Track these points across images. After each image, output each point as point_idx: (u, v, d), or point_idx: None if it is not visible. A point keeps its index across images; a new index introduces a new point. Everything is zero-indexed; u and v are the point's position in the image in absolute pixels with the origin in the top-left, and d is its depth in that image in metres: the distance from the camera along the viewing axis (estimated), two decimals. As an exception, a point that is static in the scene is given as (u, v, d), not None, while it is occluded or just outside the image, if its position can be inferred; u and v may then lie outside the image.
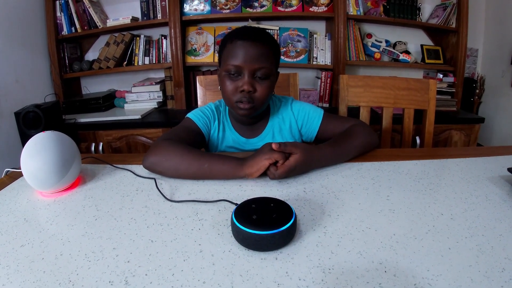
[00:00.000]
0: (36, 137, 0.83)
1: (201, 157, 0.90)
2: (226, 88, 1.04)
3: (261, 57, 1.00)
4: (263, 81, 1.02)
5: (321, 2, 2.48)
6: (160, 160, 0.92)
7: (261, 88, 1.02)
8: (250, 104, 1.02)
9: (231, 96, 1.03)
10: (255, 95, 1.02)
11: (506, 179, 0.89)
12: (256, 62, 0.99)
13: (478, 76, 2.93)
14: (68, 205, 0.79)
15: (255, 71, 1.01)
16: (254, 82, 1.01)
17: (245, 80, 1.00)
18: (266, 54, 1.01)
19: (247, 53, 0.99)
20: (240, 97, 1.02)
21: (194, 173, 0.89)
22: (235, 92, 1.02)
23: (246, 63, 0.99)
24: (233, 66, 1.00)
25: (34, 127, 1.89)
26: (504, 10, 2.73)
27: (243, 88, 1.00)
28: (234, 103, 1.04)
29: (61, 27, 2.53)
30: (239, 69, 1.00)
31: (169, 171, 0.92)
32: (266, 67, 1.01)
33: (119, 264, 0.58)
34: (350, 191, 0.83)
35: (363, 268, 0.55)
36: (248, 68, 0.99)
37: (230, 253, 0.60)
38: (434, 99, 1.46)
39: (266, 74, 1.02)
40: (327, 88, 2.55)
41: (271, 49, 1.03)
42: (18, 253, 0.62)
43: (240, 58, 0.99)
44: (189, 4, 2.51)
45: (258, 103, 1.04)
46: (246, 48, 0.99)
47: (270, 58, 1.03)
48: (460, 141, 2.41)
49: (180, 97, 2.56)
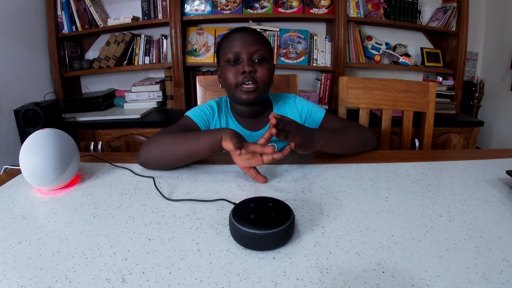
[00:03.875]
0: (35, 134, 0.83)
1: (189, 134, 0.95)
2: (227, 75, 1.07)
3: (257, 42, 1.07)
4: (262, 63, 1.07)
5: (322, 4, 2.48)
6: (151, 151, 0.95)
7: (261, 69, 1.06)
8: (254, 84, 1.05)
9: (234, 80, 1.06)
10: (257, 75, 1.06)
11: (505, 182, 0.89)
12: (252, 46, 1.06)
13: (478, 79, 2.94)
14: (66, 203, 0.79)
15: (253, 54, 1.06)
16: (253, 64, 1.06)
17: (245, 62, 1.05)
18: (260, 41, 1.08)
19: (243, 40, 1.06)
20: (243, 79, 1.05)
21: (186, 152, 0.93)
22: (236, 75, 1.06)
23: (243, 48, 1.05)
24: (232, 53, 1.06)
25: (34, 125, 1.89)
26: (504, 14, 2.74)
27: (244, 69, 1.04)
28: (237, 88, 1.07)
29: (62, 26, 2.53)
30: (238, 55, 1.06)
31: (162, 159, 0.94)
32: (262, 49, 1.07)
33: (116, 262, 0.58)
34: (348, 192, 0.83)
35: (361, 269, 0.55)
36: (246, 52, 1.05)
37: (228, 252, 0.60)
38: (434, 101, 1.46)
39: (263, 56, 1.07)
40: (326, 90, 2.55)
41: (264, 41, 1.11)
42: (15, 249, 0.62)
43: (237, 45, 1.06)
44: (190, 5, 2.51)
45: (261, 84, 1.07)
46: (242, 36, 1.07)
47: (264, 45, 1.09)
48: (459, 144, 2.41)
49: (180, 97, 2.56)
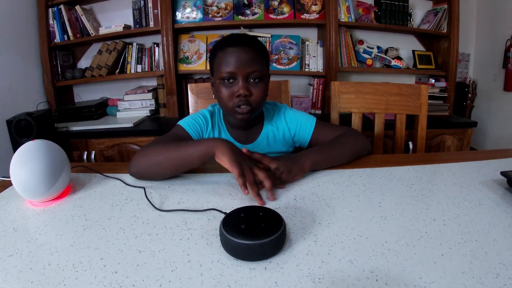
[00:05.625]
0: (25, 146, 0.82)
1: (180, 144, 0.92)
2: (222, 95, 1.05)
3: (253, 61, 1.02)
4: (258, 84, 1.04)
5: (313, 9, 2.49)
6: (141, 162, 0.94)
7: (257, 91, 1.03)
8: (248, 107, 1.03)
9: (228, 102, 1.04)
10: (252, 98, 1.03)
11: (499, 183, 0.89)
12: (248, 66, 1.01)
13: (470, 80, 2.96)
14: (57, 215, 0.78)
15: (249, 75, 1.02)
16: (249, 86, 1.03)
17: (240, 84, 1.01)
18: (256, 57, 1.03)
19: (238, 58, 1.00)
20: (238, 102, 1.03)
21: (176, 163, 0.92)
22: (231, 97, 1.03)
23: (239, 68, 1.00)
24: (227, 73, 1.01)
25: (26, 135, 1.87)
26: (495, 14, 2.76)
27: (239, 92, 1.01)
28: (232, 109, 1.05)
29: (54, 35, 2.52)
30: (233, 75, 1.02)
31: (152, 170, 0.93)
32: (259, 69, 1.03)
33: (106, 274, 0.57)
34: (341, 198, 0.82)
35: (354, 277, 0.54)
36: (242, 73, 1.01)
37: (219, 263, 0.59)
38: (426, 104, 1.46)
39: (259, 76, 1.03)
40: (319, 95, 2.55)
41: (260, 52, 1.05)
42: (6, 263, 0.61)
43: (232, 64, 1.01)
44: (181, 12, 2.52)
45: (256, 106, 1.05)
46: (237, 53, 1.01)
47: (261, 61, 1.05)
48: (453, 145, 2.42)
49: (173, 105, 2.55)
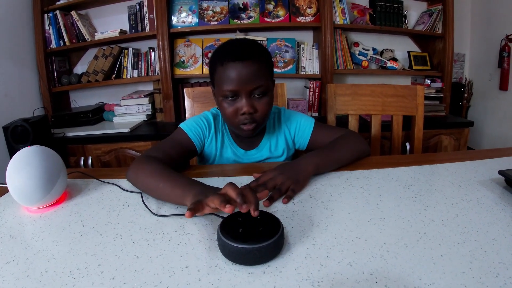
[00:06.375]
0: (21, 152, 0.82)
1: (164, 179, 0.83)
2: (225, 111, 1.01)
3: (256, 76, 0.96)
4: (262, 98, 0.99)
5: (308, 12, 2.50)
6: (134, 178, 0.91)
7: (261, 106, 0.99)
8: (253, 124, 1.01)
9: (233, 119, 1.01)
10: (257, 115, 1.00)
11: (497, 182, 0.89)
12: (251, 83, 0.96)
13: (466, 80, 2.97)
14: (54, 221, 0.78)
15: (252, 91, 0.97)
16: (253, 102, 0.98)
17: (243, 102, 0.97)
18: (259, 70, 0.97)
19: (240, 75, 0.94)
20: (242, 119, 0.99)
21: (159, 195, 0.84)
22: (235, 115, 1.00)
23: (242, 86, 0.95)
24: (229, 91, 0.96)
25: (23, 142, 1.87)
26: (490, 14, 2.78)
27: (243, 110, 0.97)
28: (237, 126, 1.02)
29: (50, 41, 2.51)
30: (236, 92, 0.97)
31: (144, 190, 0.89)
32: (262, 84, 0.97)
33: (104, 281, 0.56)
34: (339, 201, 0.82)
35: (353, 280, 0.54)
36: (245, 90, 0.96)
37: (217, 268, 0.58)
38: (422, 105, 1.47)
39: (263, 91, 0.99)
40: (315, 97, 2.56)
41: (263, 62, 0.99)
42: (3, 270, 0.60)
43: (234, 82, 0.95)
44: (177, 17, 2.52)
45: (261, 121, 1.02)
46: (239, 70, 0.94)
47: (265, 73, 0.99)
48: (450, 145, 2.43)
49: (169, 110, 2.55)
